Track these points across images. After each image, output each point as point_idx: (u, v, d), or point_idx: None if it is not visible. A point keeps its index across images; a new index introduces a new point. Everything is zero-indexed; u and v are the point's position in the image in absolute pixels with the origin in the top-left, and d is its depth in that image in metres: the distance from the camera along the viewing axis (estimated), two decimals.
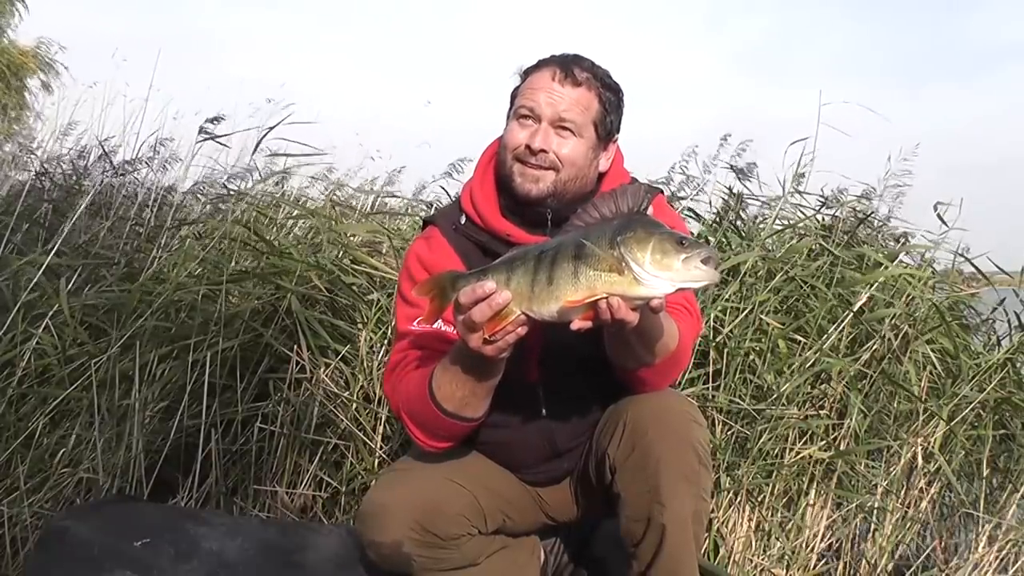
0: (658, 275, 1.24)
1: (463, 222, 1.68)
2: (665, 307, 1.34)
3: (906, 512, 2.49)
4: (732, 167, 3.43)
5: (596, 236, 1.28)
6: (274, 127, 3.24)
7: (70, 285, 2.47)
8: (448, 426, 1.54)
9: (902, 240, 3.41)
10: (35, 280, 2.40)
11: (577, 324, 1.30)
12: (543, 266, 1.31)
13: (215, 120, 3.31)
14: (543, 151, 1.57)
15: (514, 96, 1.65)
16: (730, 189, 3.40)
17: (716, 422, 2.46)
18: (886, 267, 2.82)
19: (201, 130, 3.28)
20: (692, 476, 1.50)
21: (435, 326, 1.58)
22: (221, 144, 3.42)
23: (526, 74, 1.65)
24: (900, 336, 2.66)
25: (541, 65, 1.63)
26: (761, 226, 3.18)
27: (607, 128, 1.64)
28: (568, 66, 1.60)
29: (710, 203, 3.40)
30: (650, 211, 1.34)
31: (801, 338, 2.60)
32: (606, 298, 1.27)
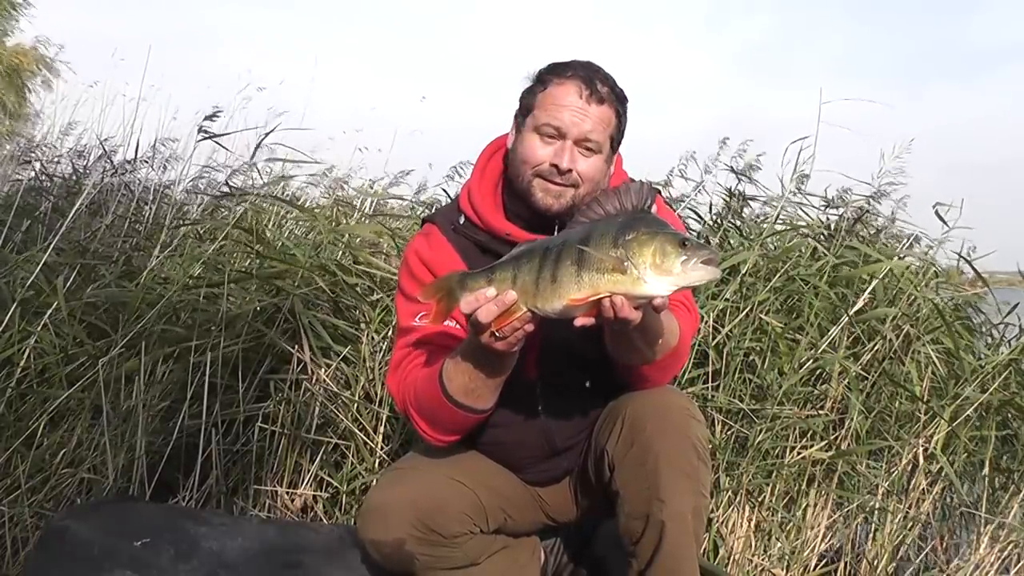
0: (660, 277, 1.26)
1: (462, 222, 1.68)
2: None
3: (907, 512, 2.49)
4: (732, 168, 3.43)
5: (600, 235, 1.30)
6: (270, 132, 3.26)
7: (68, 283, 2.46)
8: (457, 418, 1.55)
9: (905, 242, 3.40)
10: (32, 277, 2.40)
11: (580, 321, 1.32)
12: (548, 264, 1.32)
13: (213, 116, 3.31)
14: (569, 170, 1.56)
15: (530, 102, 1.61)
16: (729, 190, 3.40)
17: (716, 422, 2.46)
18: (885, 262, 2.80)
19: (200, 129, 3.28)
20: (692, 472, 1.50)
21: None
22: (221, 147, 3.43)
23: (544, 82, 1.60)
24: (901, 336, 2.66)
25: (562, 77, 1.58)
26: (763, 225, 3.18)
27: (619, 140, 1.66)
28: (592, 82, 1.57)
29: (710, 206, 3.40)
30: (654, 209, 1.35)
31: (801, 337, 2.60)
32: (609, 297, 1.27)
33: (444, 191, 3.92)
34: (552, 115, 1.57)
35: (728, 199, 3.37)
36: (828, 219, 3.23)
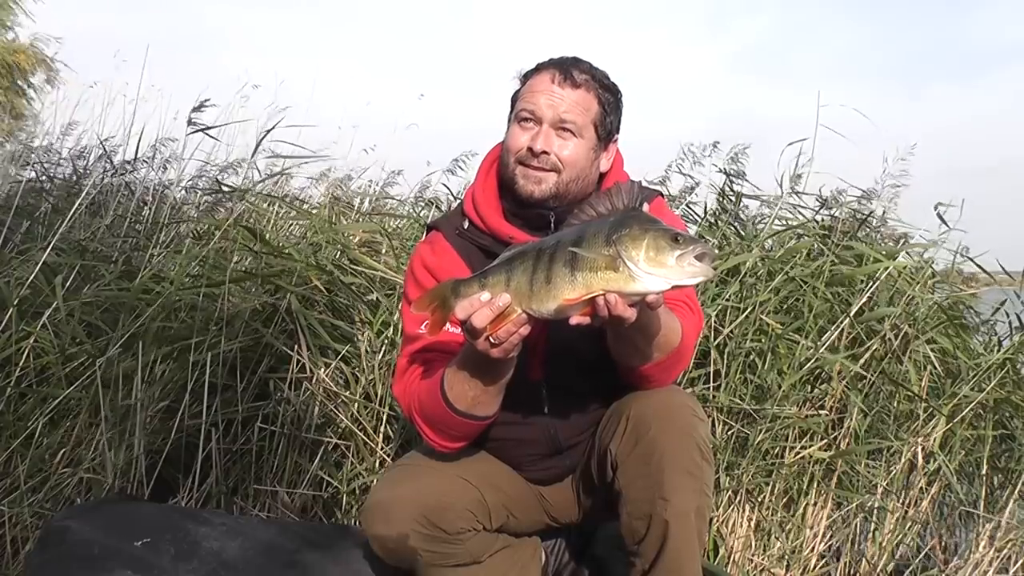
0: (653, 272, 1.25)
1: (466, 226, 1.69)
2: (664, 303, 1.34)
3: (906, 512, 2.49)
4: (724, 171, 3.43)
5: (592, 234, 1.29)
6: (271, 129, 3.26)
7: (68, 283, 2.46)
8: (461, 425, 1.55)
9: (902, 240, 3.41)
10: (32, 277, 2.40)
11: (575, 320, 1.31)
12: (541, 265, 1.32)
13: (201, 107, 3.30)
14: (545, 152, 1.59)
15: (514, 100, 1.67)
16: (723, 190, 3.41)
17: (716, 422, 2.47)
18: (884, 262, 2.81)
19: (190, 121, 3.27)
20: (695, 471, 1.50)
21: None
22: (212, 137, 3.42)
23: (525, 77, 1.66)
24: (900, 336, 2.66)
25: (540, 68, 1.64)
26: (760, 226, 3.19)
27: (607, 128, 1.65)
28: (567, 68, 1.61)
29: (706, 207, 3.40)
30: (646, 208, 1.35)
31: (800, 338, 2.61)
32: (603, 295, 1.27)
33: (445, 186, 3.93)
34: (528, 101, 1.61)
35: (722, 199, 3.38)
36: (823, 219, 3.24)
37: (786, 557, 2.41)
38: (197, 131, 3.26)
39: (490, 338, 1.36)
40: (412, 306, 1.47)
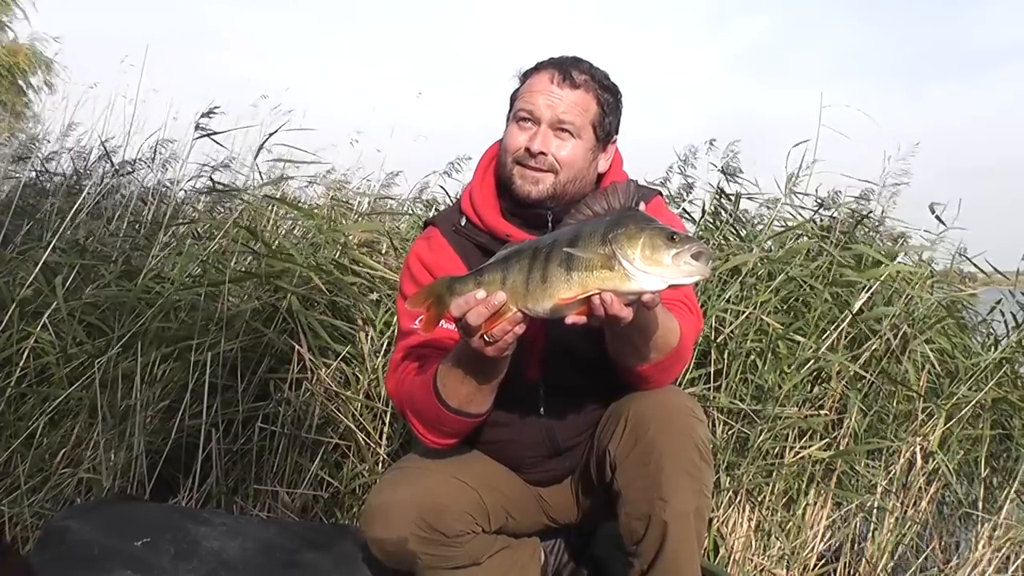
0: (648, 271, 1.24)
1: (463, 224, 1.69)
2: (661, 302, 1.34)
3: (905, 512, 2.50)
4: (722, 169, 3.43)
5: (588, 233, 1.29)
6: (274, 133, 3.27)
7: (68, 283, 2.47)
8: (453, 422, 1.55)
9: (900, 240, 3.42)
10: (32, 277, 2.40)
11: (572, 319, 1.30)
12: (537, 264, 1.31)
13: (210, 113, 3.31)
14: (542, 153, 1.58)
15: (513, 99, 1.66)
16: (722, 190, 3.41)
17: (716, 422, 2.47)
18: (885, 265, 2.82)
19: (197, 126, 3.28)
20: (694, 472, 1.50)
21: None
22: (218, 144, 3.44)
23: (525, 77, 1.66)
24: (899, 335, 2.67)
25: (539, 68, 1.64)
26: (760, 227, 3.19)
27: (605, 129, 1.65)
28: (566, 68, 1.61)
29: (704, 207, 3.40)
30: (642, 207, 1.35)
31: (800, 338, 2.61)
32: (599, 294, 1.27)
33: (442, 187, 3.93)
34: (526, 101, 1.61)
35: (719, 198, 3.38)
36: (821, 219, 3.25)
37: (786, 557, 2.41)
38: (204, 136, 3.27)
39: (485, 336, 1.35)
40: (407, 302, 1.46)
